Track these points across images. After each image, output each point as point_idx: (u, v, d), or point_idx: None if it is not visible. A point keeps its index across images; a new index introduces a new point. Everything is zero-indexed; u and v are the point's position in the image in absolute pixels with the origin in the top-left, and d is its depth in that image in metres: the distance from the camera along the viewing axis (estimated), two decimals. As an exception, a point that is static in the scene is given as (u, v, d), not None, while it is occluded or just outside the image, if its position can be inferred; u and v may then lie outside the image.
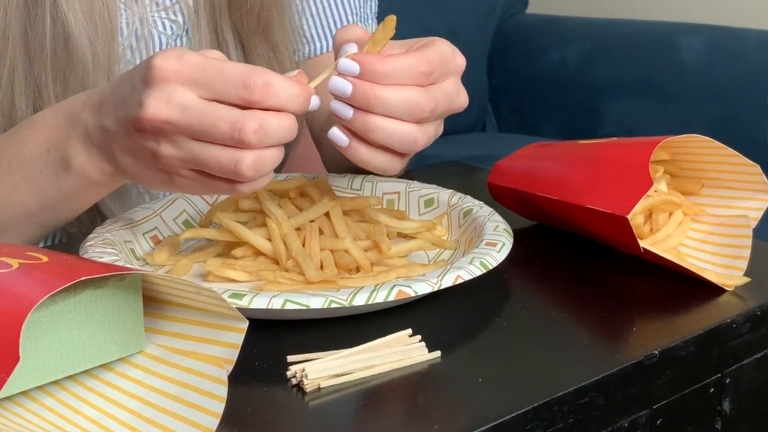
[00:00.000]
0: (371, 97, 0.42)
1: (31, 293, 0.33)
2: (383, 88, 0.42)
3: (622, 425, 0.41)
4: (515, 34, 1.44)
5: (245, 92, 0.40)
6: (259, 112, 0.40)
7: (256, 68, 0.41)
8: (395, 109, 0.42)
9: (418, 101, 0.42)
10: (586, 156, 0.54)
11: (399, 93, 0.42)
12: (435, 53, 0.43)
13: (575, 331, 0.45)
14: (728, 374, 0.45)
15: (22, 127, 0.50)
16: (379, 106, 0.42)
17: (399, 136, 0.43)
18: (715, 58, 1.22)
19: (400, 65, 0.42)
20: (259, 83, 0.40)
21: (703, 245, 0.51)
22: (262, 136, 0.40)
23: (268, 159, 0.41)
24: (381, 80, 0.42)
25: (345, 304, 0.41)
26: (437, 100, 0.43)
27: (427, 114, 0.43)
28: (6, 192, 0.49)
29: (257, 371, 0.39)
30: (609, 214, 0.48)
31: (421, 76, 0.42)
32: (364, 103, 0.42)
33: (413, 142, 0.43)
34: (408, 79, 0.42)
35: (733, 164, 0.51)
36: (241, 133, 0.39)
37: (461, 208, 0.54)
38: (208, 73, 0.40)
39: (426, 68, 0.42)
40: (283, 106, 0.40)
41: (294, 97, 0.41)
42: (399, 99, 0.42)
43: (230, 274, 0.47)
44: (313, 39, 0.65)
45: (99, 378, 0.37)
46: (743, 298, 0.47)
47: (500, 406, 0.37)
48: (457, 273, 0.44)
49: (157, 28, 0.60)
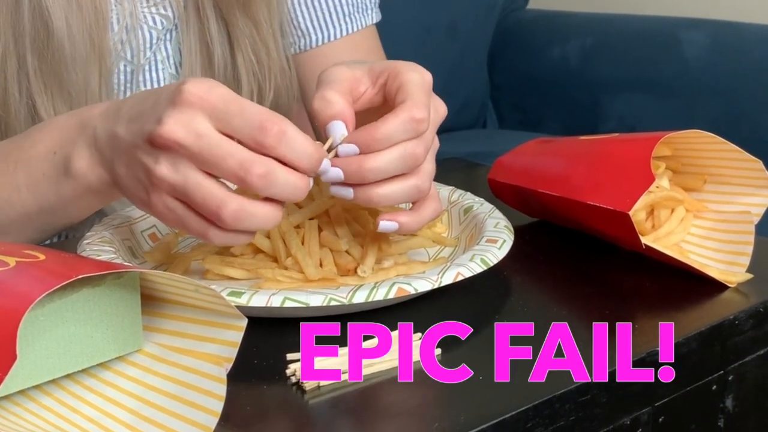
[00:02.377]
0: (364, 172, 0.42)
1: (29, 291, 0.32)
2: (371, 159, 0.42)
3: (624, 423, 0.41)
4: (516, 30, 1.43)
5: (259, 134, 0.39)
6: (270, 160, 0.40)
7: (276, 114, 0.40)
8: (390, 171, 0.42)
9: (409, 152, 0.42)
10: (588, 152, 0.53)
11: (388, 155, 0.42)
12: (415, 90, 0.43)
13: (576, 328, 0.44)
14: (731, 371, 0.45)
15: (34, 129, 0.50)
16: (374, 176, 0.42)
17: (403, 194, 0.43)
18: (718, 53, 1.22)
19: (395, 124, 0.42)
20: (275, 129, 0.39)
21: (705, 241, 0.51)
22: (267, 182, 0.39)
23: (253, 215, 0.40)
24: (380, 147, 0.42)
25: (344, 301, 0.41)
26: (425, 137, 0.43)
27: (423, 157, 0.43)
28: (7, 193, 0.49)
29: (256, 369, 0.39)
30: (610, 211, 0.48)
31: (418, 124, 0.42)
32: (360, 179, 0.42)
33: (418, 192, 0.44)
34: (407, 134, 0.42)
35: (736, 160, 0.51)
36: (247, 173, 0.39)
37: (462, 205, 0.53)
38: (230, 108, 0.40)
39: (421, 115, 0.42)
40: (295, 159, 0.40)
41: (307, 155, 0.40)
42: (390, 160, 0.42)
43: (229, 272, 0.46)
44: (309, 31, 0.65)
45: (97, 377, 0.37)
46: (746, 294, 0.47)
47: (501, 404, 0.36)
48: (457, 270, 0.44)
49: (147, 23, 0.60)
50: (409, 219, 0.44)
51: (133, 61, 0.60)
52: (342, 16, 0.65)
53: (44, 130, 0.49)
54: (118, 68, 0.60)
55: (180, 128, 0.40)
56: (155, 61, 0.61)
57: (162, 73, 0.61)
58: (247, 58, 0.61)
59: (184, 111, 0.40)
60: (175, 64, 0.62)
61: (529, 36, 1.42)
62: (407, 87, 0.43)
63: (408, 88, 0.43)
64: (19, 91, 0.55)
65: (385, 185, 0.43)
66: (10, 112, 0.56)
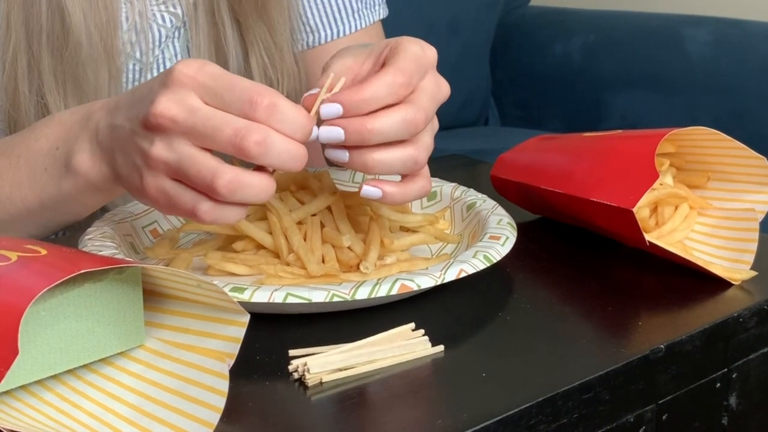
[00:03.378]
0: (365, 133, 0.41)
1: (30, 286, 0.32)
2: (373, 119, 0.41)
3: (627, 420, 0.41)
4: (518, 26, 1.43)
5: (250, 108, 0.39)
6: (266, 127, 0.40)
7: (266, 88, 0.40)
8: (391, 134, 0.42)
9: (410, 117, 0.42)
10: (591, 148, 0.53)
11: (390, 118, 0.42)
12: (406, 58, 0.43)
13: (580, 326, 0.44)
14: (735, 369, 0.45)
15: (39, 124, 0.50)
16: (375, 137, 0.42)
17: (400, 163, 0.43)
18: (721, 50, 1.21)
19: (379, 86, 0.42)
20: (265, 102, 0.39)
21: (709, 239, 0.51)
22: (264, 149, 0.39)
23: (248, 185, 0.40)
24: (365, 109, 0.42)
25: (347, 297, 0.41)
26: (425, 106, 0.43)
27: (422, 125, 0.43)
28: (9, 187, 0.49)
29: (259, 366, 0.39)
30: (614, 208, 0.47)
31: (401, 88, 0.42)
32: (360, 140, 0.42)
33: (414, 163, 0.43)
34: (390, 97, 0.42)
35: (740, 157, 0.51)
36: (243, 140, 0.39)
37: (464, 202, 0.53)
38: (220, 84, 0.40)
39: (403, 79, 0.42)
40: (288, 131, 0.40)
41: (300, 125, 0.40)
42: (392, 123, 0.42)
43: (231, 268, 0.46)
44: (317, 28, 0.64)
45: (98, 372, 0.37)
46: (750, 292, 0.47)
47: (504, 401, 0.36)
48: (460, 267, 0.43)
49: (156, 21, 0.60)
50: (395, 190, 0.44)
51: (143, 60, 0.60)
52: (351, 13, 0.64)
53: (49, 124, 0.49)
54: (128, 67, 0.60)
55: (173, 105, 0.40)
56: (163, 59, 0.61)
57: None
58: (260, 61, 0.61)
59: (176, 90, 0.40)
60: None
61: (531, 32, 1.42)
62: (399, 54, 0.43)
63: (399, 55, 0.43)
64: (29, 88, 0.55)
65: (383, 150, 0.42)
66: (21, 110, 0.56)
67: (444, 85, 0.45)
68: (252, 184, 0.40)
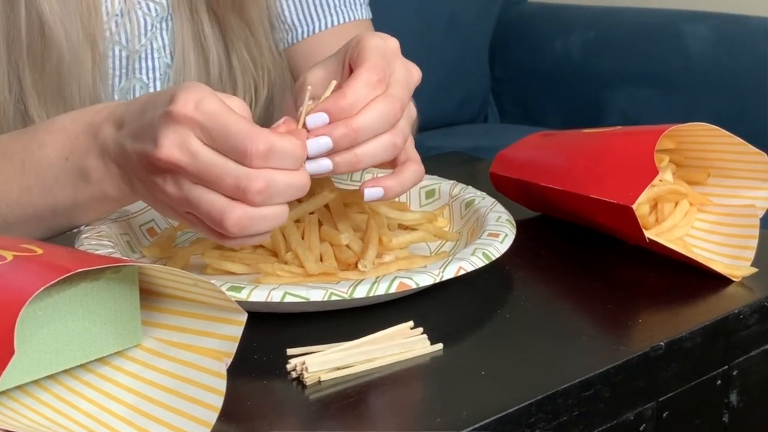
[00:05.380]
0: (351, 133, 0.42)
1: (26, 286, 0.32)
2: (356, 118, 0.42)
3: (627, 418, 0.40)
4: (517, 23, 1.43)
5: (246, 159, 0.39)
6: (266, 172, 0.40)
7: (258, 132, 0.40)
8: (375, 129, 0.43)
9: (388, 108, 0.43)
10: (591, 145, 0.53)
11: (371, 113, 0.42)
12: (373, 55, 0.43)
13: (579, 323, 0.44)
14: (735, 366, 0.45)
15: (38, 129, 0.50)
16: (362, 135, 0.42)
17: (382, 150, 0.43)
18: (721, 46, 1.21)
19: (358, 88, 0.42)
20: (260, 149, 0.39)
21: (709, 235, 0.50)
22: (268, 195, 0.40)
23: (258, 219, 0.40)
24: (350, 113, 0.42)
25: (345, 296, 0.41)
26: (400, 96, 0.44)
27: (400, 113, 0.43)
28: (17, 194, 0.49)
29: (257, 365, 0.39)
30: (614, 204, 0.47)
31: (378, 85, 0.43)
32: (349, 142, 0.42)
33: (394, 146, 0.44)
34: (370, 97, 0.43)
35: (740, 153, 0.50)
36: (246, 191, 0.39)
37: (463, 199, 0.53)
38: (215, 127, 0.40)
39: (377, 75, 0.43)
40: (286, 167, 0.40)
41: (297, 157, 0.40)
42: (373, 118, 0.42)
43: (228, 267, 0.46)
44: (294, 25, 0.65)
45: (95, 372, 0.36)
46: (750, 288, 0.46)
47: (503, 399, 0.36)
48: (459, 264, 0.43)
49: (141, 9, 0.60)
50: (394, 182, 0.44)
51: (129, 47, 0.60)
52: (328, 9, 0.65)
53: (50, 131, 0.49)
54: (113, 53, 0.60)
55: (175, 150, 0.40)
56: (151, 50, 0.61)
57: (158, 62, 0.61)
58: (242, 59, 0.61)
59: (177, 130, 0.40)
60: (171, 54, 0.62)
61: (530, 29, 1.41)
62: (364, 52, 0.44)
63: (365, 54, 0.44)
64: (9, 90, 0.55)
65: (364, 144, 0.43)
66: None
67: (414, 70, 0.46)
68: (262, 217, 0.40)
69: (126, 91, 0.61)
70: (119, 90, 0.61)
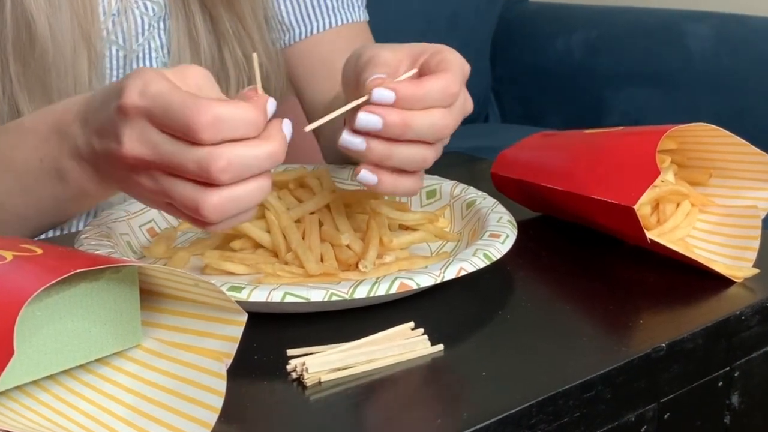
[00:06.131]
0: (402, 127, 0.41)
1: (26, 286, 0.32)
2: (413, 116, 0.41)
3: (628, 420, 0.40)
4: (518, 22, 1.42)
5: (193, 134, 0.37)
6: (223, 147, 0.37)
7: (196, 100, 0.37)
8: (421, 135, 0.42)
9: (442, 124, 0.43)
10: (592, 145, 0.53)
11: (426, 119, 0.42)
12: (455, 69, 0.43)
13: (581, 324, 0.44)
14: (737, 367, 0.45)
15: (10, 130, 0.49)
16: (409, 134, 0.42)
17: (412, 159, 0.43)
18: (723, 46, 1.21)
19: (435, 87, 0.42)
20: (205, 120, 0.36)
21: (711, 236, 0.50)
22: (235, 173, 0.37)
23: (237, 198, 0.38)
24: (415, 105, 0.42)
25: (346, 296, 0.41)
26: (456, 117, 0.44)
27: (448, 133, 0.43)
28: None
29: (257, 365, 0.39)
30: (615, 205, 0.47)
31: (451, 97, 0.43)
32: (395, 134, 0.42)
33: (423, 161, 0.44)
34: (439, 102, 0.42)
35: (742, 153, 0.50)
36: (209, 173, 0.37)
37: (464, 200, 0.53)
38: (159, 110, 0.38)
39: (455, 89, 0.43)
40: (244, 134, 0.37)
41: (253, 121, 0.37)
42: (427, 125, 0.42)
43: (229, 267, 0.46)
44: (292, 25, 0.65)
45: (95, 372, 0.36)
46: (752, 289, 0.46)
47: (504, 400, 0.36)
48: (460, 265, 0.43)
49: (139, 8, 0.60)
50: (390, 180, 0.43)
51: (126, 47, 0.60)
52: (325, 10, 0.65)
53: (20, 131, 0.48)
54: (110, 53, 0.60)
55: (137, 145, 0.39)
56: (149, 49, 0.61)
57: (155, 62, 0.61)
58: (233, 51, 0.61)
59: (132, 124, 0.39)
60: (168, 53, 0.62)
61: (532, 28, 1.41)
62: (448, 63, 0.43)
63: (448, 65, 0.43)
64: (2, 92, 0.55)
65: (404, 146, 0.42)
66: None
67: (469, 102, 0.45)
68: (241, 195, 0.38)
69: None
70: None
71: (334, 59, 0.64)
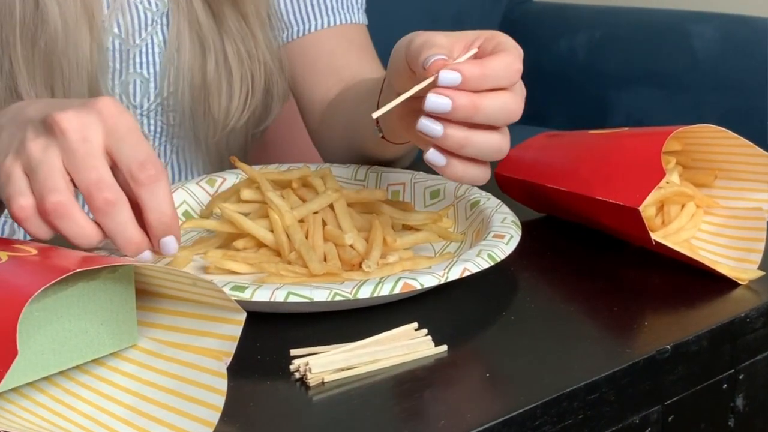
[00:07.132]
0: (472, 109, 0.40)
1: (25, 286, 0.32)
2: (483, 98, 0.41)
3: (633, 422, 0.40)
4: (522, 22, 1.42)
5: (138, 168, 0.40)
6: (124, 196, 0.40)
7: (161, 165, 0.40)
8: (493, 117, 0.41)
9: (512, 106, 0.42)
10: (597, 146, 0.52)
11: (497, 100, 0.41)
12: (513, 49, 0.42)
13: (585, 326, 0.44)
14: (742, 370, 0.44)
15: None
16: (480, 116, 0.41)
17: (488, 147, 0.42)
18: (728, 47, 1.20)
19: (499, 65, 0.41)
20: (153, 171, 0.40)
21: (716, 238, 0.50)
22: (108, 212, 0.40)
23: (73, 221, 0.40)
24: (481, 85, 0.41)
25: (349, 296, 0.41)
26: (521, 100, 0.43)
27: (518, 116, 0.42)
28: None
29: (260, 365, 0.39)
30: (620, 206, 0.47)
31: (516, 74, 0.41)
32: (465, 116, 0.41)
33: (498, 151, 0.43)
34: (505, 80, 0.41)
35: (747, 155, 0.50)
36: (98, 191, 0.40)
37: (468, 200, 0.53)
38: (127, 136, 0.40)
39: (519, 65, 0.42)
40: (151, 208, 0.40)
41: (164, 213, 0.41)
42: (496, 107, 0.41)
43: (232, 267, 0.46)
44: (291, 23, 0.65)
45: (91, 373, 0.36)
46: (757, 292, 0.46)
47: (508, 402, 0.36)
48: (464, 265, 0.43)
49: (143, 3, 0.60)
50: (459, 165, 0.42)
51: (128, 41, 0.60)
52: (325, 9, 0.65)
53: None
54: (113, 46, 0.60)
55: (74, 122, 0.40)
56: (152, 44, 0.61)
57: (158, 57, 0.61)
58: (236, 49, 0.61)
59: (89, 114, 0.40)
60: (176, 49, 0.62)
61: (536, 28, 1.41)
62: (504, 45, 0.42)
63: (505, 47, 0.42)
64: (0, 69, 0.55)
65: (479, 132, 0.41)
66: None
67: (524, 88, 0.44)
68: (77, 223, 0.40)
69: (125, 84, 0.61)
70: (119, 84, 0.61)
71: (332, 57, 0.64)
